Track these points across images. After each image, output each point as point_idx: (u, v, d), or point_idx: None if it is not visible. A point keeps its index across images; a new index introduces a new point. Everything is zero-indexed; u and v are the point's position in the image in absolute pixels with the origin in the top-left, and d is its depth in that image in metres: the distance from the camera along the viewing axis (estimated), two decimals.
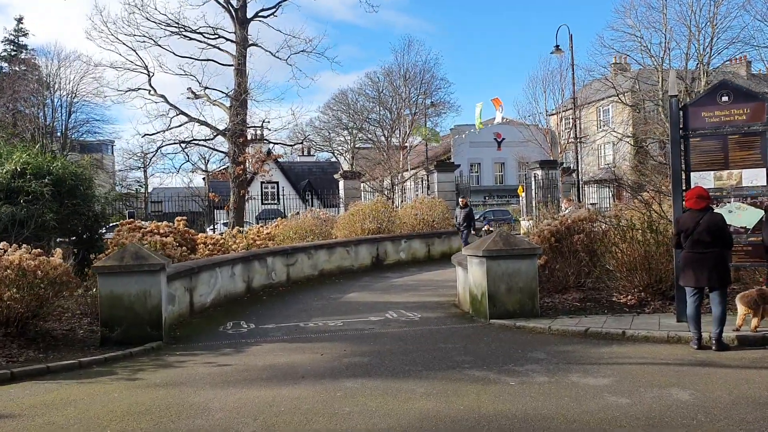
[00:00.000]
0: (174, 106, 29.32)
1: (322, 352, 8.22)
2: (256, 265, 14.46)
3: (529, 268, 9.99)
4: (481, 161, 65.24)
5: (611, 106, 51.26)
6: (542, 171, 29.35)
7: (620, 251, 10.92)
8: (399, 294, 13.50)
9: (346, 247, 17.64)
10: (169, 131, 29.51)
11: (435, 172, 29.70)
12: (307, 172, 63.58)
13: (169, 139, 29.35)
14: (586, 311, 10.32)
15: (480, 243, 10.33)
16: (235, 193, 28.98)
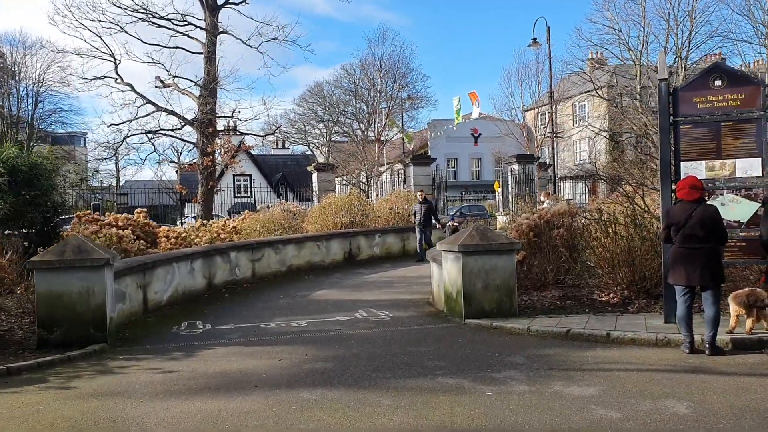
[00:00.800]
0: (141, 95, 28.28)
1: (281, 357, 7.47)
2: (218, 260, 13.64)
3: (507, 264, 9.33)
4: (458, 156, 64.74)
5: (587, 101, 51.05)
6: (519, 165, 28.85)
7: (602, 247, 10.32)
8: (371, 291, 12.78)
9: (317, 241, 16.88)
10: (136, 121, 28.46)
11: (411, 166, 29.07)
12: (282, 165, 62.51)
13: (135, 129, 28.26)
14: (567, 310, 9.70)
15: (456, 238, 9.65)
16: (203, 185, 28.04)
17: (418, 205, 17.96)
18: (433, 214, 17.87)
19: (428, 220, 17.51)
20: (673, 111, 8.35)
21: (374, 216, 19.78)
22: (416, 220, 17.71)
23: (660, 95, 8.37)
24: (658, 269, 9.77)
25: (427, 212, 17.57)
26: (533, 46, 34.16)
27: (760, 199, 7.93)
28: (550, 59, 32.76)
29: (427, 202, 18.11)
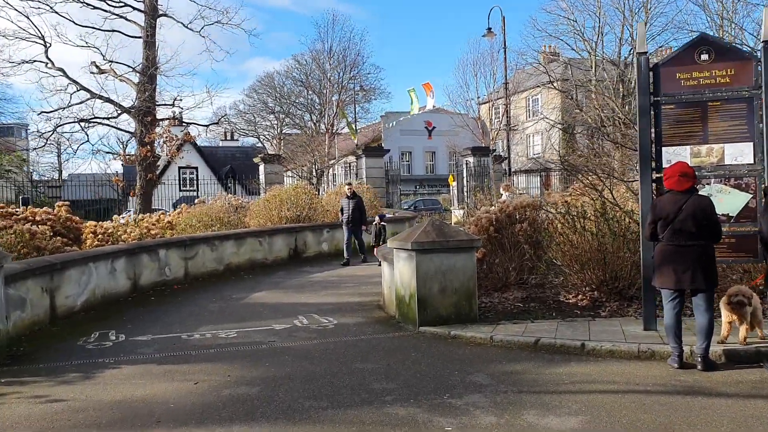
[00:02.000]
0: (74, 80, 26.29)
1: (198, 379, 6.19)
2: (144, 259, 12.19)
3: (466, 263, 8.23)
4: (412, 149, 63.85)
5: (540, 95, 50.71)
6: (474, 158, 28.00)
7: (569, 243, 9.32)
8: (315, 293, 11.55)
9: (259, 237, 15.53)
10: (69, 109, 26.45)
11: (363, 157, 27.91)
12: (230, 158, 60.38)
13: (68, 117, 26.27)
14: (532, 314, 8.67)
15: (409, 234, 8.50)
16: (141, 177, 26.23)
17: (345, 200, 15.81)
18: (361, 212, 15.81)
19: (358, 217, 15.61)
20: (654, 89, 7.36)
21: (323, 210, 18.50)
22: (343, 217, 15.65)
23: (639, 71, 7.36)
24: (632, 269, 8.85)
25: (357, 209, 15.61)
26: (488, 37, 33.33)
27: (751, 190, 7.01)
28: (506, 50, 31.98)
29: (356, 197, 15.95)
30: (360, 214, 15.61)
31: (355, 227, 15.59)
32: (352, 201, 15.65)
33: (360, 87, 51.65)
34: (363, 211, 15.88)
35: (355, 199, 15.76)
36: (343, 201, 15.99)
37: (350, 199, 15.70)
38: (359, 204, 15.79)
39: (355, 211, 15.50)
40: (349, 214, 15.48)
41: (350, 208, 15.54)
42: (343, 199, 16.10)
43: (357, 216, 15.51)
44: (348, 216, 15.51)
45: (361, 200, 16.19)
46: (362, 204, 16.03)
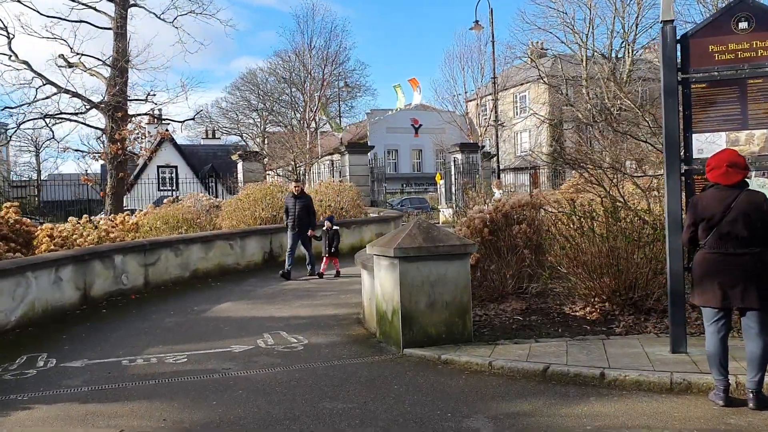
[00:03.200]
0: (39, 74, 24.77)
1: (124, 425, 4.91)
2: (97, 267, 10.87)
3: (459, 273, 7.00)
4: (398, 147, 62.54)
5: (528, 91, 49.72)
6: (462, 155, 26.85)
7: (576, 247, 8.12)
8: (287, 304, 10.29)
9: (230, 240, 14.22)
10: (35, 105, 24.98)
11: (347, 154, 26.63)
12: (212, 156, 58.73)
13: (32, 112, 24.78)
14: (534, 330, 7.48)
15: (391, 238, 7.24)
16: (112, 176, 24.80)
17: (291, 200, 13.27)
18: (310, 215, 13.29)
19: (306, 220, 13.17)
20: (682, 65, 6.17)
21: None
22: (288, 221, 13.23)
23: (664, 43, 6.16)
24: (649, 277, 7.68)
25: (305, 210, 13.16)
26: (475, 29, 32.22)
27: None
28: (494, 43, 30.88)
29: (304, 196, 13.49)
30: (308, 216, 13.19)
31: (302, 232, 13.17)
32: (300, 201, 13.20)
33: (345, 83, 50.30)
34: (312, 213, 13.42)
35: (302, 198, 13.33)
36: (287, 200, 13.46)
37: (296, 199, 13.22)
38: (307, 205, 13.34)
39: (302, 213, 13.10)
40: (295, 217, 13.09)
41: (296, 209, 13.11)
42: (287, 198, 13.56)
43: (305, 219, 13.11)
44: (294, 219, 13.12)
45: (311, 200, 13.71)
46: (311, 205, 13.52)
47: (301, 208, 13.10)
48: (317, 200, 18.02)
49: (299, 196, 13.30)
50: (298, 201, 13.17)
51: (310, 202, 13.46)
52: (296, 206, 13.12)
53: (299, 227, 13.10)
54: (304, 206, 13.18)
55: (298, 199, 13.20)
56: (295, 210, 13.12)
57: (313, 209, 13.47)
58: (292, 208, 13.17)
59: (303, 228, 13.12)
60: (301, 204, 13.16)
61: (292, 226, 13.16)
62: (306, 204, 13.26)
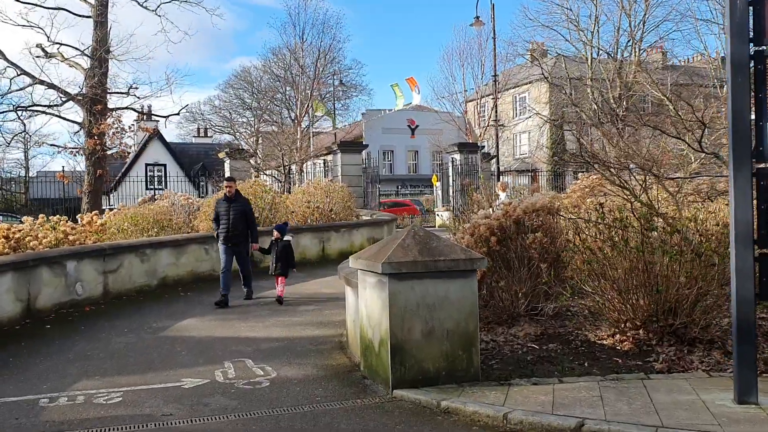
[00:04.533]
0: (14, 63, 23.32)
1: None
2: (44, 274, 9.45)
3: (463, 294, 5.61)
4: (394, 148, 61.12)
5: (528, 92, 48.42)
6: (461, 155, 25.49)
7: (604, 262, 6.75)
8: (261, 320, 8.89)
9: (205, 244, 12.80)
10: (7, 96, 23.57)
11: (339, 153, 25.25)
12: (203, 155, 57.27)
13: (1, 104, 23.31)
14: (554, 363, 6.13)
15: (380, 249, 5.84)
16: (90, 173, 23.34)
17: (223, 204, 10.47)
18: (249, 222, 10.53)
19: (243, 230, 10.41)
20: (755, 35, 4.81)
21: (286, 211, 15.82)
22: (220, 230, 10.36)
23: (732, 6, 4.79)
24: (692, 300, 6.32)
25: (241, 218, 10.35)
26: (476, 26, 30.90)
27: None
28: (495, 39, 29.54)
29: (240, 199, 10.62)
30: (246, 225, 10.43)
31: (238, 246, 10.41)
32: (234, 206, 10.36)
33: (340, 81, 48.85)
34: (252, 220, 10.63)
35: (238, 203, 10.46)
36: (218, 205, 10.59)
37: (230, 203, 10.37)
38: (244, 210, 10.49)
39: (238, 221, 10.29)
40: (229, 226, 10.25)
41: (230, 216, 10.27)
42: (218, 202, 10.70)
43: (241, 228, 10.34)
44: (227, 229, 10.25)
45: (248, 204, 10.92)
46: (250, 211, 10.73)
47: (236, 215, 10.29)
48: (305, 201, 16.67)
49: (233, 199, 10.43)
50: (233, 206, 10.34)
51: (247, 207, 10.65)
52: (230, 213, 10.29)
53: (233, 239, 10.30)
54: (240, 213, 10.35)
55: (233, 204, 10.37)
56: (228, 217, 10.27)
57: (252, 217, 10.68)
58: (225, 214, 10.30)
59: (239, 240, 10.36)
60: (236, 210, 10.34)
61: (225, 237, 10.26)
62: (242, 210, 10.43)
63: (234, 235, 10.32)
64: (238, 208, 10.40)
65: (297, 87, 43.08)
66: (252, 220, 10.64)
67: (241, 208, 10.43)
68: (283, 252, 10.35)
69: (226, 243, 10.33)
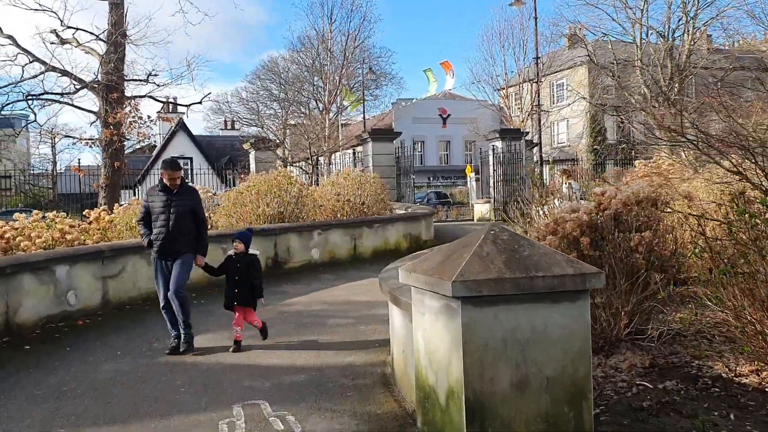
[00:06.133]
0: (26, 50, 22.03)
1: None
2: (26, 283, 7.92)
3: (570, 324, 3.84)
4: (425, 138, 59.19)
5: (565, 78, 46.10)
6: (503, 142, 23.57)
7: (749, 275, 4.93)
8: (285, 337, 7.25)
9: (222, 243, 11.18)
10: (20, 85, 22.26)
11: (369, 142, 23.53)
12: (230, 148, 56.01)
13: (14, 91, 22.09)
14: (683, 412, 4.45)
15: (445, 258, 4.07)
16: (106, 165, 21.95)
17: (158, 197, 6.99)
18: (198, 226, 7.12)
19: (190, 234, 7.00)
20: None
21: (314, 205, 14.19)
22: (153, 236, 6.95)
23: None
24: None
25: (184, 218, 6.94)
26: (516, 5, 28.96)
27: None
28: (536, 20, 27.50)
29: (185, 192, 7.08)
30: (192, 228, 7.01)
31: (184, 256, 6.91)
32: (177, 201, 6.91)
33: (369, 69, 46.92)
34: (201, 222, 7.16)
35: (182, 196, 6.98)
36: (151, 197, 7.07)
37: (170, 196, 6.92)
38: (192, 208, 7.02)
39: (181, 222, 6.89)
40: (168, 229, 6.85)
41: (170, 215, 6.87)
42: (151, 194, 7.13)
43: (186, 232, 6.94)
44: (164, 233, 6.86)
45: (198, 198, 7.28)
46: (199, 207, 7.17)
47: (179, 214, 6.83)
48: (334, 194, 15.00)
49: (174, 191, 6.90)
50: (175, 201, 6.85)
51: (197, 203, 7.11)
52: (170, 210, 6.82)
53: (175, 250, 6.83)
54: (185, 211, 6.88)
55: (174, 198, 6.87)
56: (168, 217, 6.81)
57: (201, 215, 7.16)
58: (162, 212, 6.85)
59: (182, 251, 6.86)
60: (179, 206, 6.85)
61: (160, 247, 6.83)
62: (188, 206, 6.92)
63: (175, 244, 6.81)
64: (183, 204, 6.88)
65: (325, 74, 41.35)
66: (201, 220, 7.14)
67: (184, 204, 6.88)
68: (245, 272, 7.02)
69: (162, 256, 6.83)
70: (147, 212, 7.09)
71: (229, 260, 7.24)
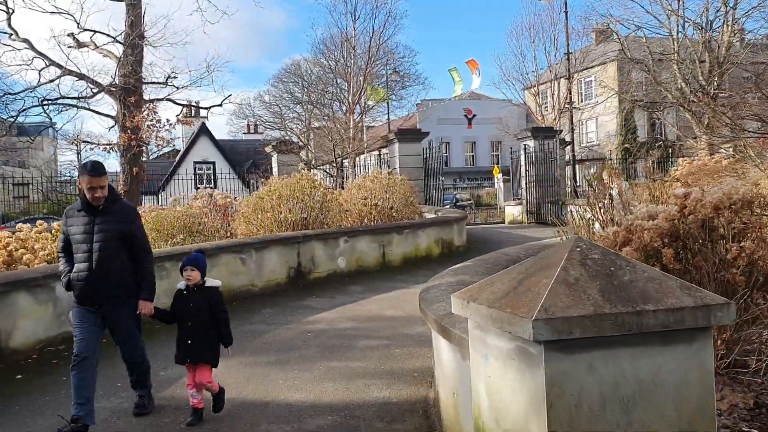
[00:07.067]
0: (42, 54, 21.53)
1: None
2: (21, 302, 7.12)
3: (688, 372, 2.86)
4: (450, 140, 58.00)
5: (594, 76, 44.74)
6: (535, 141, 22.46)
7: None
8: (308, 365, 6.34)
9: (241, 253, 10.35)
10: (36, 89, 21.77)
11: (396, 143, 22.59)
12: (253, 152, 55.42)
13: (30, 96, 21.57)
14: None
15: (517, 286, 3.10)
16: (125, 171, 21.37)
17: (80, 218, 4.96)
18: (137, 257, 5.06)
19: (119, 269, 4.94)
20: None
21: (339, 210, 13.29)
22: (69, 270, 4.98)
23: None
24: None
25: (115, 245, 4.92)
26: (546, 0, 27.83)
27: None
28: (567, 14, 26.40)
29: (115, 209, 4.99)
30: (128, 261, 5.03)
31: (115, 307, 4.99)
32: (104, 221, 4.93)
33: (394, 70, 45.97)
34: (143, 252, 5.13)
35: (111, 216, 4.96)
36: (69, 221, 5.05)
37: (94, 216, 4.94)
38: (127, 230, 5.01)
39: (110, 252, 4.91)
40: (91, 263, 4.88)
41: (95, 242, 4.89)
42: (70, 218, 5.06)
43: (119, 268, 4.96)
44: (88, 267, 4.88)
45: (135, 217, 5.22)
46: (138, 230, 5.17)
47: (105, 242, 4.90)
48: (361, 198, 14.07)
49: (100, 207, 4.94)
50: (100, 223, 4.93)
51: (131, 224, 5.09)
52: (92, 236, 4.91)
53: (103, 294, 4.92)
54: (113, 237, 4.93)
55: (100, 219, 4.94)
56: (90, 248, 4.90)
57: (143, 245, 5.17)
58: (83, 239, 4.92)
59: (114, 295, 4.95)
60: (105, 231, 4.92)
61: (81, 291, 4.93)
62: (118, 230, 4.96)
63: (103, 288, 4.87)
64: (112, 228, 4.92)
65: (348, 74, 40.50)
66: (143, 251, 5.12)
67: (118, 228, 4.94)
68: (203, 313, 4.97)
69: (85, 304, 4.92)
70: (66, 241, 5.03)
71: (179, 298, 5.08)
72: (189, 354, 4.93)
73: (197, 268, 5.06)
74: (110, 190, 5.01)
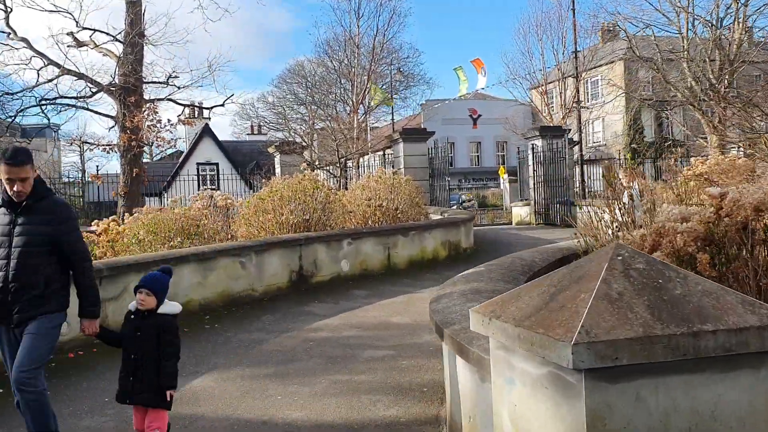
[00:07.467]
0: (41, 53, 21.16)
1: None
2: None
3: (754, 403, 2.43)
4: (455, 140, 57.60)
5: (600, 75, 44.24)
6: (543, 141, 22.00)
7: None
8: (309, 378, 5.91)
9: (240, 256, 9.93)
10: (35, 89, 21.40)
11: (401, 142, 22.16)
12: (257, 153, 55.10)
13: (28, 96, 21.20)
14: None
15: (549, 301, 2.68)
16: (125, 172, 20.99)
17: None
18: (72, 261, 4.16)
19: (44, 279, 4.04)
20: None
21: (343, 211, 12.86)
22: None
23: None
24: None
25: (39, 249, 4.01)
26: None
27: None
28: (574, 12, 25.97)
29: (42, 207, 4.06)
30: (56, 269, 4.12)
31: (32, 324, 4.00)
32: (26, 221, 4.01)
33: (398, 70, 45.52)
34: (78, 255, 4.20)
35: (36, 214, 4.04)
36: None
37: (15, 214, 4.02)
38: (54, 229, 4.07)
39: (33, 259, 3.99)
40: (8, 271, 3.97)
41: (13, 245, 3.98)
42: None
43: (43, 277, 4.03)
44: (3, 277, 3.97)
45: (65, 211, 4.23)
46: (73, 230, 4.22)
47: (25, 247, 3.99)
48: (365, 199, 13.64)
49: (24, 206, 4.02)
50: (22, 222, 4.01)
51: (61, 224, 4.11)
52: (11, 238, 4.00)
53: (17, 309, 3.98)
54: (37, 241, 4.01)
55: (21, 218, 4.02)
56: (9, 252, 3.98)
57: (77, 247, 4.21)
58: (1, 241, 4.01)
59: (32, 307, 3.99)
60: (27, 232, 4.01)
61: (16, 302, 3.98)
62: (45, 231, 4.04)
63: (22, 301, 3.99)
64: (36, 229, 4.04)
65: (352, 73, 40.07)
66: (80, 259, 4.23)
67: (44, 229, 4.06)
68: (144, 344, 4.09)
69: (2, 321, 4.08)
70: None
71: (127, 321, 4.24)
72: (130, 393, 4.04)
73: (154, 293, 4.11)
74: (38, 184, 4.04)
